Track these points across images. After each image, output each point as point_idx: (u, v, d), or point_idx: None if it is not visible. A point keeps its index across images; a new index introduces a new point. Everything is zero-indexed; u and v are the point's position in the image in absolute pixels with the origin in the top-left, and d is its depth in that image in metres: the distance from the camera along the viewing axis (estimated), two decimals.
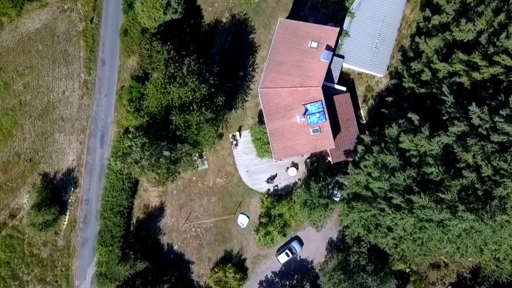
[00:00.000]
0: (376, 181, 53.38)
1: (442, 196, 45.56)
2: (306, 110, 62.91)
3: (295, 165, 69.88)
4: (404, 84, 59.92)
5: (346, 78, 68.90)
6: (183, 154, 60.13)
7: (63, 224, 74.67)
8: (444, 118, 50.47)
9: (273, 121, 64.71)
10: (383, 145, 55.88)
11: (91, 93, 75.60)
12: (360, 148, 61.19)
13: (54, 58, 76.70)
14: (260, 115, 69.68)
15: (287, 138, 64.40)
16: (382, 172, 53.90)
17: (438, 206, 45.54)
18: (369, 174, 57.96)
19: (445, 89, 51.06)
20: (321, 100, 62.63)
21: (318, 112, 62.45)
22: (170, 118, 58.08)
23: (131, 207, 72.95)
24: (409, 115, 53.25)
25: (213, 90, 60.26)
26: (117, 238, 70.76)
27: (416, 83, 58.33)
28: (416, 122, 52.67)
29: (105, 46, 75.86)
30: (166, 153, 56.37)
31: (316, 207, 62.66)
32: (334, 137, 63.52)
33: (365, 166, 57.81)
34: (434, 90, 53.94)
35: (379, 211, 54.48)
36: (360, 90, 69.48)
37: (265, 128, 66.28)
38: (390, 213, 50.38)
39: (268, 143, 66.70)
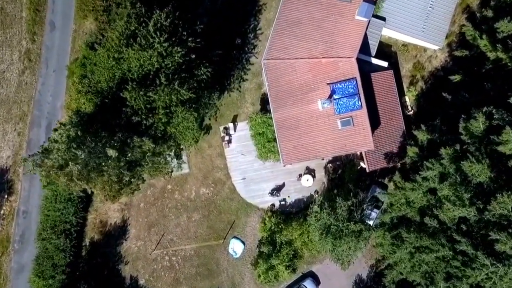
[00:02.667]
0: (456, 207, 31.30)
1: None
2: (333, 92, 41.10)
3: (310, 171, 48.11)
4: (488, 55, 37.99)
5: (385, 51, 47.13)
6: (147, 154, 38.13)
7: None
8: None
9: (282, 108, 43.00)
10: (458, 147, 34.05)
11: (35, 67, 53.97)
12: (412, 150, 39.49)
13: None
14: (265, 100, 48.05)
15: (302, 134, 42.67)
16: (460, 190, 32.05)
17: None
18: (430, 191, 36.28)
19: None
20: (356, 78, 40.82)
21: (351, 95, 40.66)
22: (122, 95, 36.19)
23: (83, 225, 51.24)
24: None
25: (193, 57, 38.22)
26: (61, 268, 48.91)
27: (508, 52, 36.39)
28: None
29: (55, 4, 54.04)
30: (111, 152, 34.39)
31: (345, 235, 40.89)
32: (372, 132, 41.72)
33: (425, 179, 36.03)
34: None
35: (452, 254, 32.60)
36: (406, 69, 47.65)
37: (271, 118, 44.62)
38: (487, 265, 28.39)
39: (275, 140, 45.00)
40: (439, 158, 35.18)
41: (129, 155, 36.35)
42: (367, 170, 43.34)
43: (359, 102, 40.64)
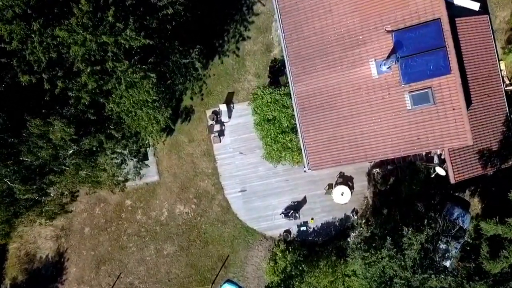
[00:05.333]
0: None
1: None
2: (398, 45, 23.27)
3: (346, 180, 30.32)
4: None
5: None
6: (69, 151, 20.39)
7: None
8: None
9: (308, 75, 25.40)
10: None
11: None
12: None
13: None
14: (276, 69, 30.50)
15: (342, 119, 25.07)
16: None
17: None
18: None
19: None
20: (441, 19, 22.97)
21: (432, 50, 22.83)
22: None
23: (0, 258, 33.82)
24: None
25: None
26: None
27: None
28: None
29: None
30: None
31: None
32: None
33: None
34: None
35: None
36: (500, 18, 29.85)
37: (287, 94, 27.00)
38: None
39: (294, 129, 27.35)
40: None
41: (25, 152, 18.58)
42: (452, 181, 25.34)
43: (447, 62, 22.75)
